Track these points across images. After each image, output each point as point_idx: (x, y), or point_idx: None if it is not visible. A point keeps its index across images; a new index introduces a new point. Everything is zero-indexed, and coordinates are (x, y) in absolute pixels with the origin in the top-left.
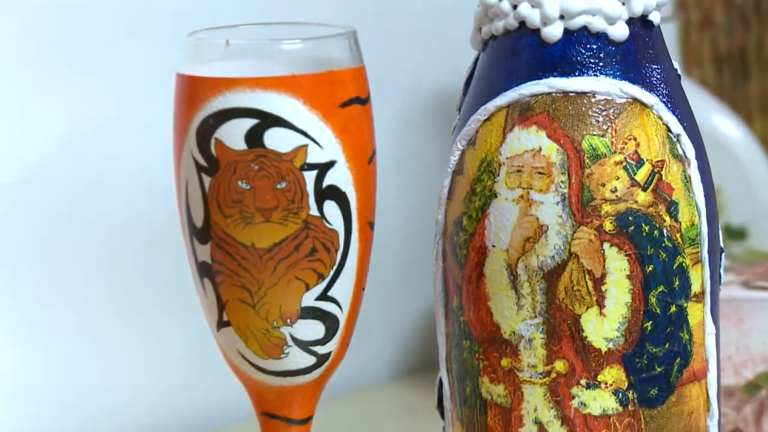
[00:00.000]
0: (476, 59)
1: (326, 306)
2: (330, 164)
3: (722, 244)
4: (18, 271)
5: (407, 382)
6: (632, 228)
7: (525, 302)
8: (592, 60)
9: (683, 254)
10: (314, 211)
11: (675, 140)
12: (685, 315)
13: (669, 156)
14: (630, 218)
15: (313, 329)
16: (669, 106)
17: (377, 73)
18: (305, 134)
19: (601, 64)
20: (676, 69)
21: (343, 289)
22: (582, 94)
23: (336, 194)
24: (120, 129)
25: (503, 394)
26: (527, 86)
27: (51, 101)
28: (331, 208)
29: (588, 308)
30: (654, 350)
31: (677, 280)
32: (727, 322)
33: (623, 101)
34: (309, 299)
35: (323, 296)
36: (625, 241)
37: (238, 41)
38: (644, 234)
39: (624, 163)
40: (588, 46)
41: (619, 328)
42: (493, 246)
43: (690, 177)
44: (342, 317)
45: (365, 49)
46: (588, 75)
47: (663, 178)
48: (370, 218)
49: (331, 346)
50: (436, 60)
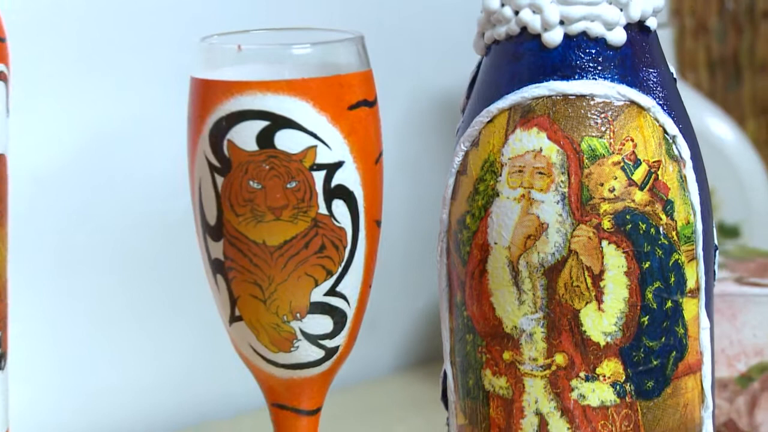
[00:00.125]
0: (479, 63)
1: (335, 301)
2: (338, 164)
3: (716, 242)
4: (33, 270)
5: (412, 375)
6: (630, 226)
7: (526, 298)
8: (591, 64)
9: (679, 251)
10: (323, 210)
11: (671, 141)
12: (681, 310)
13: (665, 156)
14: (627, 217)
15: (322, 324)
16: (665, 109)
17: (384, 77)
18: (315, 136)
19: (600, 68)
20: (672, 73)
21: (351, 285)
22: (581, 97)
23: (344, 193)
24: (135, 131)
25: (505, 386)
26: (528, 89)
27: (67, 104)
28: (340, 207)
29: (587, 303)
30: (650, 344)
31: (673, 277)
32: (721, 317)
33: (621, 104)
34: (318, 295)
35: (332, 292)
36: (623, 239)
37: (250, 46)
38: (641, 232)
39: (622, 164)
40: (587, 51)
41: (617, 323)
42: (496, 243)
43: (685, 177)
44: (350, 312)
45: (372, 54)
46: (587, 78)
47: (659, 178)
48: (377, 216)
49: (340, 340)
50: (441, 64)
